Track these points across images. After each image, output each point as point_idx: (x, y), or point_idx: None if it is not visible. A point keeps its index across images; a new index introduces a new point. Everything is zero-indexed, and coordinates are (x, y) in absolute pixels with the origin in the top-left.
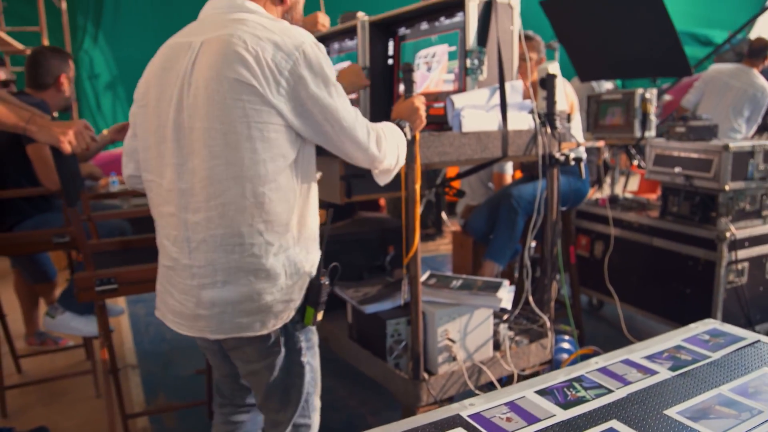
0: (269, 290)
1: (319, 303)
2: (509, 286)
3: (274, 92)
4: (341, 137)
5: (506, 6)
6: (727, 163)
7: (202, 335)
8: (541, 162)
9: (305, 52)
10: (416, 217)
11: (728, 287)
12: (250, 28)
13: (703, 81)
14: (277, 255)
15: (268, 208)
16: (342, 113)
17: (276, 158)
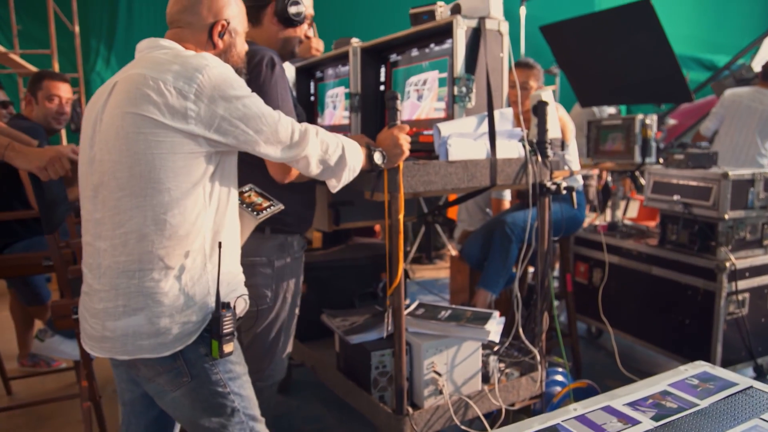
0: (166, 313)
1: (221, 335)
2: (499, 317)
3: (181, 120)
4: (265, 141)
5: (496, 33)
6: (727, 192)
7: (111, 356)
8: (532, 191)
9: (208, 74)
10: (400, 247)
11: (728, 318)
12: (155, 63)
13: (722, 107)
14: (178, 278)
15: (169, 234)
16: (262, 119)
17: (182, 184)
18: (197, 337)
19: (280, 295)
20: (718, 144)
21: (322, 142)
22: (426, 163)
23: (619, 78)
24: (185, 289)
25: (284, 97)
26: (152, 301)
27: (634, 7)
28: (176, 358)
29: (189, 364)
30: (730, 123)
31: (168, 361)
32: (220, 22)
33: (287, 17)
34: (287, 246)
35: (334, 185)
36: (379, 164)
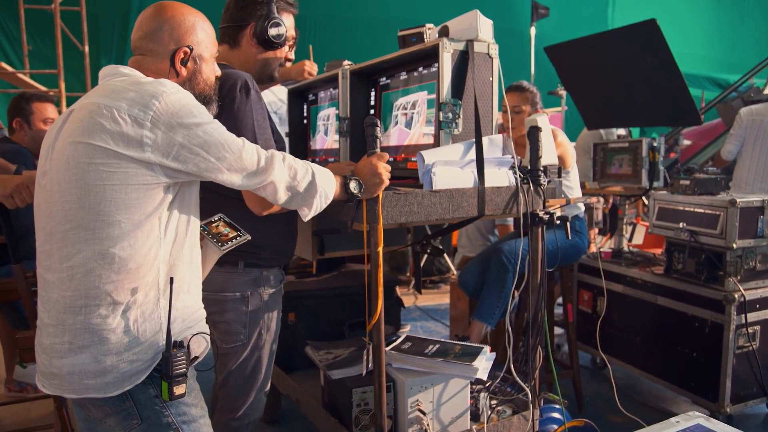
0: (113, 351)
1: (171, 376)
2: (490, 353)
3: (136, 149)
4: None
5: (484, 56)
6: (735, 219)
7: (60, 393)
8: (523, 221)
9: (165, 101)
10: (379, 281)
11: (738, 352)
12: (111, 90)
13: (742, 128)
14: (127, 314)
15: (118, 268)
16: (225, 146)
17: (134, 216)
18: (146, 377)
19: (256, 331)
20: (742, 167)
21: (289, 168)
22: (408, 192)
23: (625, 100)
24: (134, 325)
25: (260, 123)
26: (98, 338)
27: (639, 27)
28: (125, 398)
29: (138, 405)
30: (752, 144)
31: (116, 401)
32: (182, 48)
33: (267, 39)
34: (262, 280)
35: (305, 214)
36: (355, 194)
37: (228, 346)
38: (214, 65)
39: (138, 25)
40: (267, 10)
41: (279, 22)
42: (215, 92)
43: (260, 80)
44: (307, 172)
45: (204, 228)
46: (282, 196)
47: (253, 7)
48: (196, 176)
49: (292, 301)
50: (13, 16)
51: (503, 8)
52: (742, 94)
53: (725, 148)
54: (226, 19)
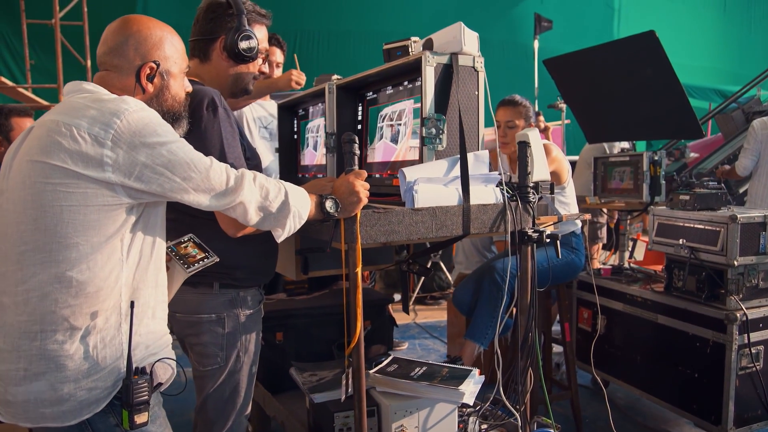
0: (71, 378)
1: (131, 404)
2: (478, 376)
3: (96, 168)
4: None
5: (470, 69)
6: (735, 236)
7: (15, 422)
8: (511, 239)
9: (127, 119)
10: (358, 302)
11: (741, 373)
12: (71, 108)
13: (757, 142)
14: (86, 340)
15: (75, 292)
16: (191, 166)
17: (92, 238)
18: (106, 406)
19: (233, 354)
20: (758, 183)
21: (261, 187)
22: (388, 211)
23: (625, 113)
24: (94, 351)
25: (229, 141)
26: (55, 365)
27: (638, 39)
28: (83, 427)
29: None
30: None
31: (74, 431)
32: (148, 64)
33: (237, 52)
34: (239, 301)
35: (279, 234)
36: (331, 213)
37: (205, 368)
38: (184, 81)
39: (103, 40)
40: (237, 23)
41: (250, 34)
42: (185, 109)
43: (233, 95)
44: (279, 192)
45: (172, 248)
46: (253, 217)
47: (223, 19)
48: (160, 197)
49: (280, 320)
50: (15, 31)
51: (507, 21)
52: (742, 105)
53: (740, 163)
54: (196, 32)
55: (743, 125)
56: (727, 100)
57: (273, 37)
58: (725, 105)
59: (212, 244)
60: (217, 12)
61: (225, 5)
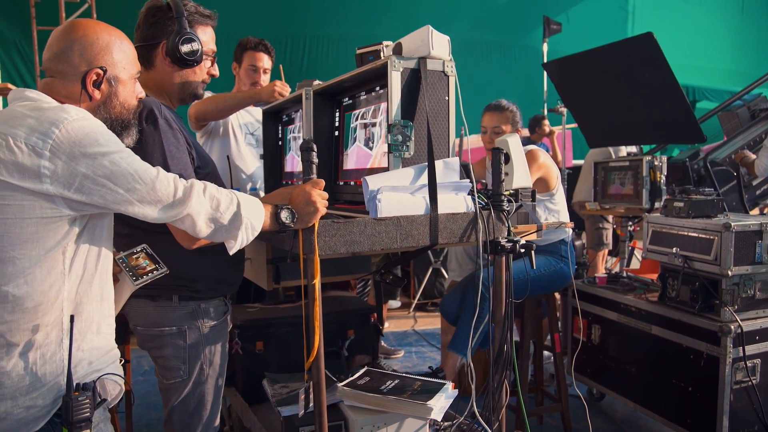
0: (8, 396)
1: (71, 422)
2: (451, 390)
3: (33, 180)
4: (139, 200)
5: (439, 74)
6: (729, 245)
7: None
8: (483, 249)
9: (66, 128)
10: (316, 316)
11: (736, 387)
12: (9, 117)
13: None
14: (25, 356)
15: (12, 307)
16: (135, 177)
17: (31, 252)
18: (46, 424)
19: (197, 366)
20: None
21: (211, 198)
22: (348, 221)
23: (626, 117)
24: (33, 368)
25: (173, 152)
26: None
27: (636, 41)
28: None
29: None
30: None
31: None
32: (94, 70)
33: (180, 57)
34: (200, 313)
35: (231, 246)
36: (287, 223)
37: (169, 381)
38: (135, 87)
39: (48, 45)
40: (178, 26)
41: (192, 37)
42: (135, 117)
43: (182, 100)
44: (231, 203)
45: (123, 259)
46: (203, 229)
47: (164, 23)
48: (104, 208)
49: (260, 329)
50: (27, 37)
51: (516, 24)
52: (748, 102)
53: (760, 164)
54: (138, 39)
55: (747, 122)
56: (732, 97)
57: (261, 43)
58: (730, 102)
59: (169, 256)
60: (158, 16)
61: (165, 8)
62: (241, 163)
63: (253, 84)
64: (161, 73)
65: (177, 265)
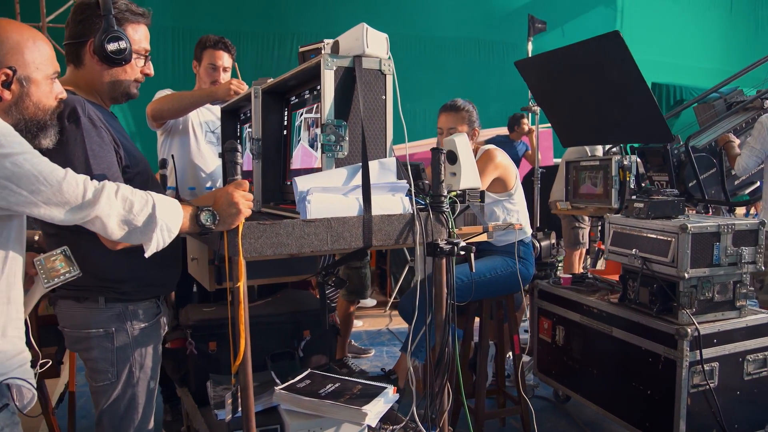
0: None
1: None
2: (392, 394)
3: None
4: (45, 201)
5: (376, 73)
6: (686, 247)
7: None
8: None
9: None
10: (241, 318)
11: (693, 391)
12: None
13: (763, 140)
14: None
15: None
16: (39, 179)
17: None
18: None
19: (125, 369)
20: None
21: (124, 200)
22: (275, 223)
23: (596, 116)
24: None
25: (96, 152)
26: None
27: (603, 40)
28: None
29: None
30: None
31: None
32: (2, 70)
33: (107, 55)
34: (128, 315)
35: (147, 249)
36: (207, 225)
37: (97, 384)
38: (52, 87)
39: None
40: (104, 23)
41: (119, 35)
42: (53, 117)
43: (114, 99)
44: (146, 204)
45: (41, 261)
46: (115, 231)
47: (92, 20)
48: (8, 210)
49: (213, 329)
50: None
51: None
52: (725, 95)
53: (741, 163)
54: (67, 36)
55: (723, 113)
56: (708, 90)
57: (220, 41)
58: (707, 94)
59: (95, 257)
60: (86, 13)
61: (94, 5)
62: (201, 161)
63: (213, 82)
64: (91, 72)
65: (103, 267)
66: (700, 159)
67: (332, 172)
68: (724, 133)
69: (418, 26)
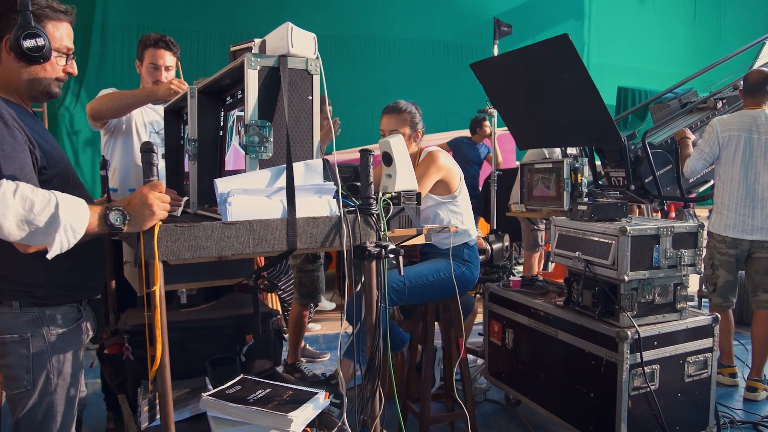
0: None
1: None
2: (323, 400)
3: None
4: None
5: (302, 73)
6: (626, 249)
7: None
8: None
9: None
10: (157, 323)
11: (634, 393)
12: None
13: (715, 145)
14: None
15: None
16: None
17: None
18: None
19: (42, 376)
20: (722, 191)
21: (23, 199)
22: (194, 225)
23: (549, 119)
24: None
25: (7, 152)
26: None
27: (553, 43)
28: None
29: None
30: (731, 163)
31: None
32: None
33: (23, 52)
34: (45, 320)
35: (50, 250)
36: (116, 225)
37: (13, 392)
38: None
39: None
40: (21, 20)
41: (36, 32)
42: None
43: (34, 98)
44: (48, 204)
45: None
46: (14, 232)
47: (8, 16)
48: None
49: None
50: None
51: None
52: (679, 95)
53: (689, 166)
54: None
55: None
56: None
57: (161, 39)
58: (662, 94)
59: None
60: (3, 9)
61: (11, 1)
62: None
63: (155, 82)
64: (8, 69)
65: (16, 270)
66: (657, 155)
67: (255, 174)
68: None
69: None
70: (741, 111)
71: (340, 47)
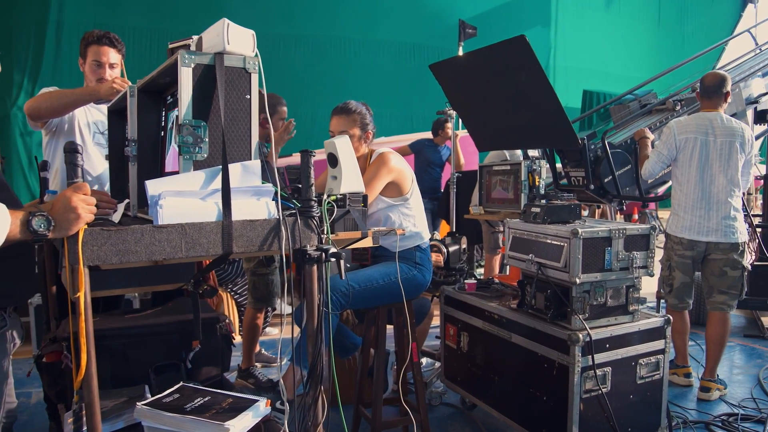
0: None
1: None
2: (264, 408)
3: None
4: None
5: (239, 71)
6: (577, 252)
7: None
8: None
9: None
10: (81, 331)
11: (586, 396)
12: None
13: (672, 147)
14: None
15: None
16: None
17: None
18: None
19: None
20: (679, 193)
21: None
22: (122, 229)
23: (508, 120)
24: None
25: None
26: None
27: (510, 44)
28: None
29: None
30: (688, 165)
31: None
32: None
33: None
34: None
35: None
36: (39, 231)
37: None
38: None
39: None
40: None
41: None
42: None
43: None
44: None
45: None
46: None
47: None
48: None
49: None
50: None
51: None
52: (639, 97)
53: (647, 168)
54: None
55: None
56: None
57: (105, 35)
58: (622, 96)
59: None
60: None
61: None
62: (88, 164)
63: (99, 80)
64: None
65: None
66: (616, 155)
67: (189, 175)
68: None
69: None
70: (697, 113)
71: (304, 47)
